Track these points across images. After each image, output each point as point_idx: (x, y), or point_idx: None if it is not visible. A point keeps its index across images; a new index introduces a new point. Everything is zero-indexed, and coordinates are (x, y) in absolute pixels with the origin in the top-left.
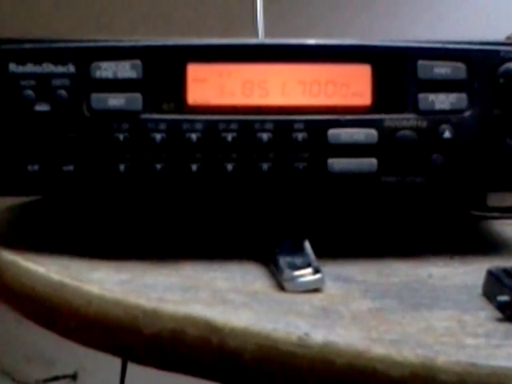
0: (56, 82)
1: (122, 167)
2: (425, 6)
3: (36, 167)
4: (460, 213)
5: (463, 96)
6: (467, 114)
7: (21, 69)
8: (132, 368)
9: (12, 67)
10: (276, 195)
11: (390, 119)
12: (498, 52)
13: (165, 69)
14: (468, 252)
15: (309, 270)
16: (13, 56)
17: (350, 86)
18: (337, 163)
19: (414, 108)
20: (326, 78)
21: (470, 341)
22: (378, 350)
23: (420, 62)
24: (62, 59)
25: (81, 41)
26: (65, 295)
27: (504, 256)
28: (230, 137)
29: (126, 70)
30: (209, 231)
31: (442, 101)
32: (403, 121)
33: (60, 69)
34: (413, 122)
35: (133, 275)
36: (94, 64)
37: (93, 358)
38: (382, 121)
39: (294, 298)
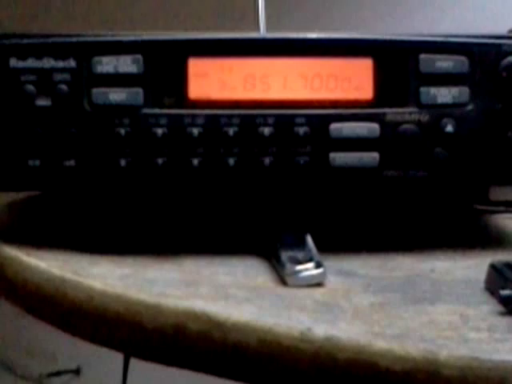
0: (57, 77)
1: (123, 162)
2: (427, 0)
3: (37, 162)
4: (462, 207)
5: (465, 90)
6: (469, 107)
7: (22, 64)
8: (134, 363)
9: (13, 62)
10: (278, 189)
11: (392, 113)
12: (500, 45)
13: (166, 63)
14: (470, 246)
15: (311, 264)
16: (13, 51)
17: (352, 79)
18: (339, 157)
19: (416, 102)
20: (327, 72)
21: (472, 335)
22: (381, 344)
23: (422, 56)
24: (63, 54)
25: (81, 35)
26: (66, 290)
27: (506, 250)
28: (231, 131)
29: (127, 64)
30: (210, 226)
31: (444, 94)
32: (405, 115)
33: (61, 63)
34: (415, 116)
35: (134, 270)
36: (95, 59)
37: (95, 352)
38: (383, 115)
39: (296, 292)
